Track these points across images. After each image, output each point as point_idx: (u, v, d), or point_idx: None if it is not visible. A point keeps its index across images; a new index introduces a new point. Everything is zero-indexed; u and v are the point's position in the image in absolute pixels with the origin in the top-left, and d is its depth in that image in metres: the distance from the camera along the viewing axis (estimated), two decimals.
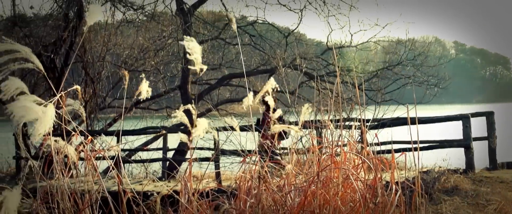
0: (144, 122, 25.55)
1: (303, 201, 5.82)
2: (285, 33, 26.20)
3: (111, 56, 26.03)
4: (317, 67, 25.24)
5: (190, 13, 23.37)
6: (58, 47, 22.18)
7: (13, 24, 22.86)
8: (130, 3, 24.61)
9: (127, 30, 27.79)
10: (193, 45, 6.12)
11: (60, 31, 22.04)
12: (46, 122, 5.16)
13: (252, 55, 27.59)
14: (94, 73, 23.51)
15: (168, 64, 27.60)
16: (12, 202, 4.39)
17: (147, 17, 25.84)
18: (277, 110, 7.06)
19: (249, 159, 6.86)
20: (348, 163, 6.36)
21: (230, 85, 26.77)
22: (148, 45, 26.09)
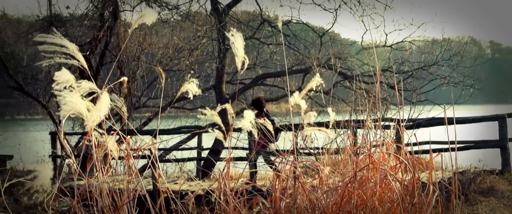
0: (178, 122, 25.61)
1: (340, 201, 5.80)
2: (320, 33, 26.12)
3: (146, 56, 26.13)
4: (352, 67, 25.17)
5: (224, 13, 23.42)
6: (94, 47, 22.32)
7: (49, 24, 23.03)
8: (165, 3, 24.72)
9: (162, 29, 27.89)
10: (237, 39, 6.15)
11: (95, 30, 22.17)
12: (100, 110, 5.27)
13: (286, 55, 27.57)
14: (129, 73, 23.62)
15: (202, 64, 27.66)
16: (44, 176, 4.44)
17: (181, 16, 25.93)
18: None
19: (284, 158, 6.85)
20: (385, 163, 6.32)
21: (264, 85, 26.76)
22: (183, 45, 26.16)
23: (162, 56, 26.02)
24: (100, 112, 5.33)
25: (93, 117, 5.30)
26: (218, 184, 6.28)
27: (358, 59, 25.60)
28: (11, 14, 35.53)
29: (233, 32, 6.13)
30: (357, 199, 5.80)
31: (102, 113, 5.35)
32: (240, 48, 6.15)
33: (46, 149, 22.74)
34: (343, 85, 24.81)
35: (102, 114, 5.35)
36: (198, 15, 26.22)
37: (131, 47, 24.03)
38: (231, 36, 6.11)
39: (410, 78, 23.94)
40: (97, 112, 5.31)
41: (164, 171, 20.51)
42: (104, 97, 5.42)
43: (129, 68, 23.62)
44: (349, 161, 6.77)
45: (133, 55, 23.92)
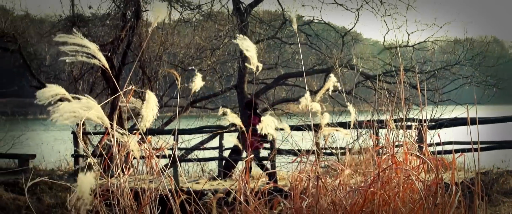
0: (200, 121, 25.66)
1: (362, 201, 5.78)
2: (342, 33, 26.09)
3: (168, 56, 26.18)
4: (374, 67, 25.13)
5: (246, 13, 23.44)
6: (116, 46, 22.40)
7: (72, 24, 23.15)
8: (187, 2, 24.77)
9: (184, 29, 27.94)
10: (247, 44, 6.13)
11: (118, 30, 22.25)
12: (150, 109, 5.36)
13: (308, 54, 27.53)
14: (151, 72, 23.68)
15: (224, 63, 27.68)
16: (86, 184, 4.45)
17: (203, 16, 25.96)
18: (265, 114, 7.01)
19: (305, 158, 6.84)
20: (408, 163, 6.29)
21: (286, 85, 26.76)
22: (205, 45, 26.19)
23: (184, 56, 26.07)
24: (153, 111, 5.44)
25: (147, 116, 5.49)
26: (238, 184, 6.27)
27: (380, 59, 25.54)
28: (34, 14, 35.74)
29: (241, 37, 6.11)
30: (380, 199, 5.78)
31: (154, 111, 5.47)
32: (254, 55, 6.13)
33: (69, 148, 22.85)
34: (365, 85, 24.77)
35: (154, 113, 5.46)
36: (220, 15, 26.23)
37: (153, 47, 24.10)
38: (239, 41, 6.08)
39: (432, 78, 23.85)
40: (149, 111, 5.40)
41: (186, 170, 20.56)
42: (151, 97, 5.56)
43: (151, 68, 23.69)
44: (371, 161, 6.75)
45: (155, 55, 23.99)
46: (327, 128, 6.93)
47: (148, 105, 5.52)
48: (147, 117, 5.48)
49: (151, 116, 5.51)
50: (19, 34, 25.87)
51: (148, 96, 5.57)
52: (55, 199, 16.19)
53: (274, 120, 6.35)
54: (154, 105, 5.56)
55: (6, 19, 26.23)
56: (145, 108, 5.50)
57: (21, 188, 17.05)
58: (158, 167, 5.86)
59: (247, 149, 6.90)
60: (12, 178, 18.08)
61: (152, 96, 5.59)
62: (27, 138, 30.92)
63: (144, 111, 5.49)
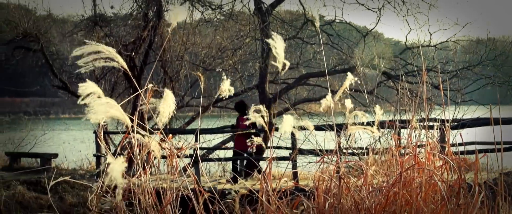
0: (221, 121, 25.66)
1: (384, 201, 5.76)
2: (363, 33, 26.02)
3: (190, 56, 26.22)
4: (396, 67, 25.04)
5: (268, 13, 23.40)
6: (138, 46, 22.44)
7: (94, 24, 23.24)
8: (208, 2, 24.78)
9: (205, 29, 27.97)
10: (278, 43, 6.15)
11: (139, 30, 22.29)
12: (167, 106, 5.41)
13: (329, 54, 27.47)
14: (173, 72, 23.72)
15: (245, 63, 27.67)
16: (117, 170, 4.46)
17: (225, 16, 25.97)
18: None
19: (328, 158, 6.82)
20: (430, 163, 6.27)
21: (307, 85, 26.69)
22: (226, 45, 26.20)
23: (206, 56, 26.09)
24: (170, 108, 5.48)
25: (164, 112, 5.52)
26: (260, 184, 6.27)
27: (402, 59, 25.43)
28: (56, 14, 35.94)
29: (274, 35, 6.12)
30: (402, 199, 5.75)
31: (171, 109, 5.51)
32: (281, 52, 6.13)
33: (90, 148, 22.97)
34: (386, 85, 24.68)
35: (171, 110, 5.50)
36: (241, 14, 26.22)
37: (175, 47, 24.14)
38: (271, 40, 6.09)
39: (454, 78, 23.73)
40: (167, 108, 5.44)
41: (207, 170, 20.58)
42: (168, 94, 5.65)
43: (172, 68, 23.73)
44: (393, 161, 6.73)
45: (177, 54, 24.02)
46: (353, 127, 6.92)
47: (165, 102, 5.56)
48: (164, 112, 5.51)
49: (168, 112, 5.55)
50: (42, 34, 25.99)
51: (165, 93, 5.60)
52: (76, 198, 16.27)
53: (294, 119, 6.34)
54: (171, 102, 5.59)
55: (28, 19, 26.34)
56: (162, 105, 5.53)
57: (43, 187, 17.15)
58: (179, 166, 5.87)
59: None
60: (35, 177, 18.19)
61: (169, 94, 5.62)
62: (49, 137, 31.07)
63: (161, 107, 5.52)
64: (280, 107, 25.45)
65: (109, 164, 4.46)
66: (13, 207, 15.62)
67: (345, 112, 7.07)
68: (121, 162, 4.52)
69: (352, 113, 6.97)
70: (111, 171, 4.45)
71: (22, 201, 16.12)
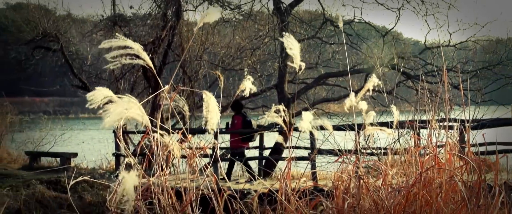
0: None
1: (404, 202, 5.75)
2: (382, 32, 25.94)
3: (208, 55, 26.27)
4: (415, 66, 24.95)
5: (287, 12, 23.40)
6: (157, 46, 22.51)
7: (113, 24, 23.36)
8: (227, 2, 24.81)
9: (224, 29, 28.00)
10: (292, 42, 6.13)
11: (158, 30, 22.36)
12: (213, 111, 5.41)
13: (348, 54, 27.44)
14: (192, 72, 23.78)
15: (264, 63, 27.66)
16: (129, 183, 4.47)
17: (243, 16, 25.98)
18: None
19: (346, 158, 6.81)
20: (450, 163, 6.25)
21: (326, 85, 26.64)
22: (245, 44, 26.21)
23: (224, 55, 26.12)
24: (217, 115, 5.48)
25: (212, 118, 5.60)
26: (279, 183, 6.26)
27: (421, 58, 25.34)
28: (76, 14, 36.08)
29: (287, 36, 6.10)
30: (422, 200, 5.74)
31: (218, 114, 5.55)
32: (297, 52, 6.12)
33: (110, 147, 23.04)
34: (406, 85, 24.60)
35: (218, 115, 5.51)
36: (260, 14, 26.23)
37: (194, 47, 24.19)
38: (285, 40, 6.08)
39: (474, 78, 23.61)
40: (214, 114, 5.44)
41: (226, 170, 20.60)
42: (210, 98, 5.70)
43: (191, 68, 23.79)
44: (413, 161, 6.71)
45: (196, 54, 24.07)
46: (370, 127, 6.90)
47: (210, 108, 5.59)
48: (212, 119, 5.52)
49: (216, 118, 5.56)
50: (61, 34, 26.14)
51: (206, 97, 5.58)
52: (96, 198, 16.32)
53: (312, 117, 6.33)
54: (215, 107, 5.67)
55: (48, 19, 26.49)
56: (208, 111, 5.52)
57: (63, 186, 17.21)
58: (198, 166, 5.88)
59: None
60: (54, 177, 18.25)
61: (211, 98, 5.61)
62: (69, 137, 31.22)
63: (208, 114, 5.51)
64: (299, 106, 25.43)
65: (123, 176, 4.47)
66: (33, 206, 15.69)
67: (362, 112, 7.07)
68: (135, 175, 4.53)
69: (367, 113, 6.96)
70: (124, 184, 4.46)
71: (41, 200, 16.18)
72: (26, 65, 31.19)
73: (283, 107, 6.61)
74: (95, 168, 23.04)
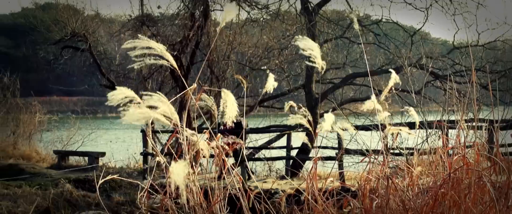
0: (267, 121, 25.69)
1: (432, 202, 5.72)
2: (410, 32, 25.81)
3: (236, 55, 26.30)
4: (443, 66, 24.81)
5: (314, 12, 23.36)
6: (184, 46, 22.57)
7: (141, 24, 23.43)
8: (255, 2, 24.82)
9: (252, 29, 28.03)
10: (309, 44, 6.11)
11: (186, 30, 22.41)
12: (231, 107, 5.44)
13: (376, 54, 27.35)
14: (219, 72, 23.82)
15: (292, 63, 27.66)
16: (179, 172, 4.49)
17: (271, 16, 25.99)
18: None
19: (374, 158, 6.79)
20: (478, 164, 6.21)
21: (354, 85, 26.57)
22: (273, 44, 26.22)
23: (252, 55, 26.15)
24: (232, 111, 5.49)
25: (228, 114, 5.59)
26: (306, 183, 6.25)
27: (449, 58, 25.19)
28: (104, 14, 36.28)
29: (301, 38, 6.08)
30: (450, 200, 5.71)
31: (234, 109, 5.51)
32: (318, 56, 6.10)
33: (138, 147, 23.15)
34: (434, 85, 24.47)
35: (235, 111, 5.51)
36: (288, 14, 26.23)
37: (221, 47, 24.23)
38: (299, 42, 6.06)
39: (503, 78, 23.44)
40: (230, 111, 5.45)
41: (254, 169, 20.62)
42: (228, 95, 5.65)
43: (219, 67, 23.83)
44: (440, 162, 6.67)
45: (223, 54, 24.11)
46: (392, 127, 6.88)
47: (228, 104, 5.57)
48: (231, 112, 5.53)
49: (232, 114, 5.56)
50: (90, 33, 26.31)
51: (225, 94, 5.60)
52: (124, 197, 16.41)
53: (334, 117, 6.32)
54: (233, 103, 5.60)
55: (77, 19, 26.66)
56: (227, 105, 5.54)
57: (91, 185, 17.33)
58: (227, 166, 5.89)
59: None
60: (82, 175, 18.38)
61: (229, 94, 5.63)
62: (97, 136, 31.40)
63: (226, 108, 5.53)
64: (326, 106, 25.38)
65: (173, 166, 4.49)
66: (61, 204, 15.80)
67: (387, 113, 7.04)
68: (183, 165, 4.55)
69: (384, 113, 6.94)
70: (173, 174, 4.47)
71: (70, 199, 16.30)
72: (54, 65, 31.41)
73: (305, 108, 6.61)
74: (123, 167, 23.16)
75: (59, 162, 23.88)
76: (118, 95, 5.12)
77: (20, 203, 15.61)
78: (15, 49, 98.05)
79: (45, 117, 32.47)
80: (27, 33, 46.14)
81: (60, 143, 28.90)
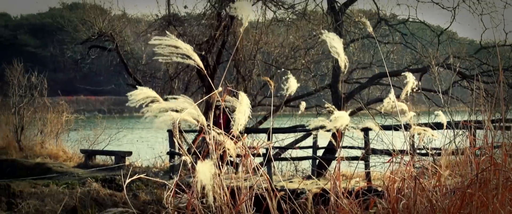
0: (293, 120, 25.67)
1: (460, 203, 5.69)
2: (437, 32, 25.67)
3: (262, 55, 26.31)
4: (470, 66, 24.66)
5: (341, 12, 23.31)
6: (211, 46, 22.62)
7: (167, 23, 23.52)
8: (281, 2, 24.82)
9: (278, 29, 28.02)
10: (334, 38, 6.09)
11: (213, 30, 22.46)
12: (242, 113, 5.40)
13: (403, 54, 27.25)
14: (245, 71, 23.84)
15: (318, 63, 27.63)
16: (205, 171, 4.50)
17: (297, 16, 25.96)
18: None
19: (400, 158, 6.77)
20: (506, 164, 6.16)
21: (380, 84, 26.47)
22: (299, 44, 26.20)
23: (278, 55, 26.15)
24: (245, 115, 5.45)
25: (240, 119, 5.47)
26: (330, 183, 6.24)
27: (477, 58, 25.03)
28: (131, 14, 36.43)
29: (327, 34, 6.05)
30: (478, 201, 5.68)
31: (247, 115, 5.48)
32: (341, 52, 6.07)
33: (163, 146, 23.21)
34: (461, 85, 24.33)
35: (247, 116, 5.47)
36: (314, 14, 26.19)
37: (248, 46, 24.25)
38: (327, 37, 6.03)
39: None
40: (241, 115, 5.42)
41: (280, 169, 20.62)
42: (243, 99, 5.59)
43: (245, 67, 23.85)
44: (468, 162, 6.63)
45: (249, 54, 24.13)
46: (416, 128, 6.86)
47: (240, 108, 5.50)
48: (240, 120, 5.46)
49: (244, 120, 5.50)
50: (117, 33, 26.44)
51: (241, 98, 5.56)
52: (150, 196, 16.45)
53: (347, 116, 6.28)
54: (246, 108, 5.53)
55: (104, 18, 26.82)
56: (237, 111, 5.50)
57: (118, 184, 17.40)
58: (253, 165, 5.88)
59: None
60: (109, 174, 18.46)
61: (244, 98, 5.59)
62: (123, 136, 31.55)
63: (237, 114, 5.49)
64: (353, 106, 25.31)
65: (199, 166, 4.49)
66: (88, 203, 15.87)
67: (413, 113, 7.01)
68: (210, 164, 4.55)
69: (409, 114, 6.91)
70: (199, 174, 4.47)
71: (97, 198, 16.37)
72: (81, 64, 31.64)
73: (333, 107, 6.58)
74: (149, 167, 23.25)
75: (86, 161, 24.02)
76: (139, 95, 5.13)
77: (48, 202, 15.70)
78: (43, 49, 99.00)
79: (72, 116, 32.72)
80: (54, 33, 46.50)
81: (87, 142, 29.09)
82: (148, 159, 24.87)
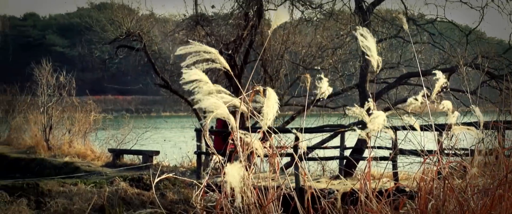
0: (320, 120, 25.62)
1: (490, 203, 5.65)
2: (465, 32, 25.52)
3: (290, 55, 26.29)
4: (499, 66, 24.50)
5: (369, 11, 23.23)
6: (238, 45, 22.64)
7: (195, 23, 23.57)
8: (308, 1, 24.80)
9: (305, 28, 27.99)
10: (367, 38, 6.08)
11: (240, 29, 22.47)
12: (271, 107, 5.40)
13: (431, 53, 27.11)
14: (273, 71, 23.83)
15: (346, 62, 27.57)
16: (234, 174, 4.51)
17: (325, 15, 25.91)
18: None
19: (430, 159, 6.72)
20: None
21: (408, 84, 26.35)
22: (326, 44, 26.14)
23: (306, 55, 26.12)
24: (273, 109, 5.45)
25: (268, 114, 5.52)
26: (359, 184, 6.22)
27: (506, 58, 24.85)
28: (159, 14, 36.57)
29: (362, 31, 6.04)
30: (508, 201, 5.64)
31: (275, 109, 5.48)
32: (373, 50, 6.05)
33: (190, 145, 23.28)
34: (489, 85, 24.17)
35: (275, 111, 5.48)
36: (342, 13, 26.12)
37: (275, 46, 24.25)
38: (360, 36, 6.01)
39: None
40: (270, 109, 5.43)
41: (307, 169, 20.61)
42: (271, 94, 5.60)
43: (272, 67, 23.85)
44: (497, 162, 6.59)
45: (277, 53, 24.13)
46: (457, 127, 6.81)
47: (268, 103, 5.50)
48: (268, 115, 5.47)
49: (272, 114, 5.51)
50: (144, 33, 26.52)
51: (268, 93, 5.57)
52: (178, 195, 16.50)
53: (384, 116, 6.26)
54: (274, 103, 5.54)
55: (131, 18, 26.91)
56: (266, 106, 5.50)
57: (145, 184, 17.48)
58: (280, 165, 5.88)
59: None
60: (137, 174, 18.54)
61: (272, 93, 5.59)
62: (151, 135, 31.65)
63: (265, 109, 5.49)
64: (380, 106, 25.21)
65: (228, 168, 4.50)
66: (116, 202, 15.95)
67: (448, 112, 6.97)
68: (239, 166, 4.55)
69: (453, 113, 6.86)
70: (229, 176, 4.48)
71: (124, 197, 16.45)
72: (109, 64, 31.77)
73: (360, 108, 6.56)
74: (176, 166, 23.32)
75: (114, 160, 24.16)
76: (192, 76, 5.17)
77: (76, 201, 15.80)
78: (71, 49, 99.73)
79: (100, 116, 32.91)
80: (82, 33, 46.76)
81: (114, 142, 29.21)
82: (175, 158, 24.96)
